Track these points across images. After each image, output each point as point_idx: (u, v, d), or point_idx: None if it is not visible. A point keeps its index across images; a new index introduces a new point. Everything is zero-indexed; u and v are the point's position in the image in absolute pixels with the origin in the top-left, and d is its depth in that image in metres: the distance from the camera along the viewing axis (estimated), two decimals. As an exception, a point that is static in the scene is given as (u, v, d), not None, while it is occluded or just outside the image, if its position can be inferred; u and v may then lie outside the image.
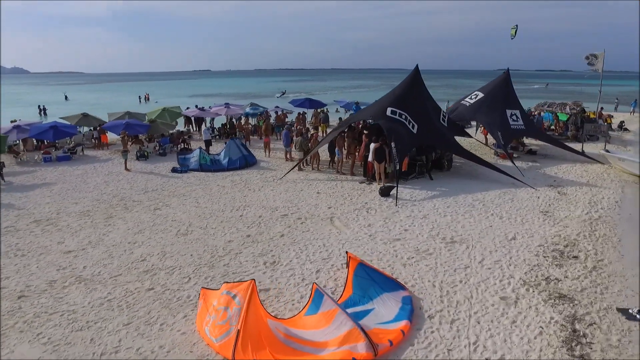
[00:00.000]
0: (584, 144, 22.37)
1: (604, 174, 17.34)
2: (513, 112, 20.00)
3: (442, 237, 10.81)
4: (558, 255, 9.86)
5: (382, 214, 12.57)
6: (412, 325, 7.16)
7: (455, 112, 21.47)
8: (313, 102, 29.62)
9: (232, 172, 17.48)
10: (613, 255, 9.99)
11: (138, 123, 20.75)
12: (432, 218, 12.19)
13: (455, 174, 17.07)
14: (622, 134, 27.87)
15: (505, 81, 20.94)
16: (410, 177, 16.23)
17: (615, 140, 25.43)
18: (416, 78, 17.39)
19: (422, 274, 8.93)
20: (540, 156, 20.67)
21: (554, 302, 7.88)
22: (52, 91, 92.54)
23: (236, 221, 12.15)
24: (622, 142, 25.18)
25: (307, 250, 10.16)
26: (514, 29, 25.21)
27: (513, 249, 10.14)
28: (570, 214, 12.60)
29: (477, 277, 8.80)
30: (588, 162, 19.14)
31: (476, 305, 7.80)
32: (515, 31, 24.99)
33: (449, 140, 16.69)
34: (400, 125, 15.81)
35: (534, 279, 8.75)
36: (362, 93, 76.23)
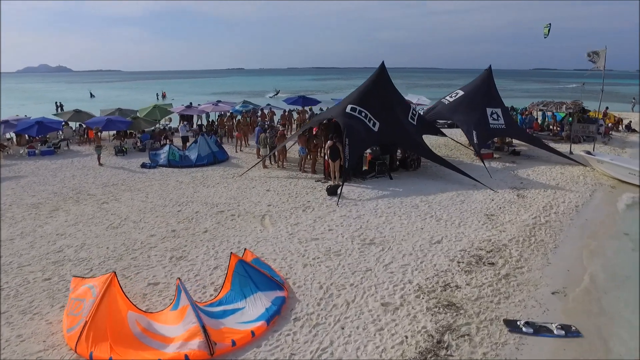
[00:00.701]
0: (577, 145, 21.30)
1: (581, 177, 16.37)
2: (494, 110, 19.20)
3: (362, 239, 10.48)
4: (475, 261, 9.35)
5: (318, 213, 12.33)
6: (270, 327, 6.96)
7: (433, 110, 20.83)
8: (307, 100, 29.50)
9: (198, 168, 17.61)
10: (537, 263, 9.40)
11: (119, 119, 21.27)
12: (365, 218, 11.85)
13: (420, 174, 16.54)
14: (627, 135, 26.25)
15: (487, 79, 20.12)
16: (369, 176, 15.86)
17: (614, 141, 24.03)
18: (381, 75, 16.97)
19: (317, 276, 8.68)
20: (524, 157, 19.76)
21: (438, 311, 7.46)
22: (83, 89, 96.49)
23: (171, 216, 12.24)
24: (622, 143, 23.72)
25: (220, 247, 10.10)
26: (546, 27, 24.26)
27: (430, 253, 9.70)
28: (515, 218, 11.94)
29: (373, 281, 8.46)
30: (570, 163, 18.14)
31: (352, 310, 7.50)
32: (548, 30, 24.04)
33: (413, 140, 16.18)
34: (359, 122, 15.47)
35: (432, 285, 8.33)
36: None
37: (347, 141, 14.69)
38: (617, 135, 26.17)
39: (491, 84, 20.03)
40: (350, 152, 14.53)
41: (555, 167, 17.78)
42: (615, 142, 23.78)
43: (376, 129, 15.67)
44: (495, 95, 19.92)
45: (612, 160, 16.82)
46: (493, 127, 18.86)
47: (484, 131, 18.49)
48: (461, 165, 17.89)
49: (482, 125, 18.55)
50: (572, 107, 23.72)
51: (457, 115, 19.37)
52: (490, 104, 19.33)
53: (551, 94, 77.76)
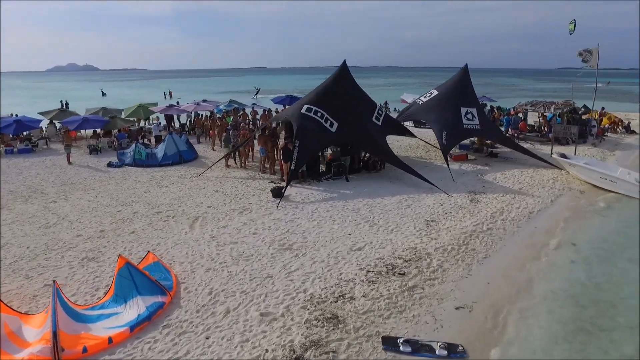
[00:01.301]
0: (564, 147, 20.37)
1: (550, 181, 15.57)
2: (469, 110, 18.48)
3: (282, 243, 10.16)
4: (386, 270, 8.90)
5: (252, 215, 12.07)
6: (134, 333, 6.76)
7: (408, 111, 20.24)
8: (294, 100, 29.14)
9: (162, 168, 17.57)
10: (456, 274, 8.89)
11: (96, 119, 21.49)
12: (297, 222, 11.51)
13: (381, 176, 16.05)
14: (624, 137, 24.94)
15: (463, 78, 19.38)
16: (325, 178, 15.50)
17: (607, 143, 22.85)
18: (343, 74, 16.56)
19: (214, 281, 8.43)
20: (501, 159, 18.98)
21: (316, 324, 7.09)
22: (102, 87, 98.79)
23: (108, 217, 12.19)
24: (614, 145, 22.54)
25: (137, 249, 9.96)
26: (572, 23, 23.50)
27: (343, 261, 9.30)
28: (456, 225, 11.38)
29: (267, 289, 8.15)
30: (546, 166, 17.30)
31: (229, 319, 7.22)
32: (573, 26, 23.28)
33: (372, 141, 15.69)
34: (314, 123, 15.11)
35: (326, 295, 7.95)
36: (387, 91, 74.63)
37: (296, 143, 14.37)
38: (614, 136, 24.91)
39: (467, 83, 19.29)
40: (299, 154, 14.20)
41: (529, 170, 16.99)
42: (607, 144, 22.61)
43: (334, 130, 15.29)
44: (471, 94, 19.19)
45: (585, 163, 15.94)
46: (467, 127, 18.16)
47: (456, 131, 17.82)
48: (431, 167, 17.43)
49: (454, 126, 17.88)
50: (562, 107, 22.70)
51: (429, 115, 18.73)
52: (465, 104, 18.61)
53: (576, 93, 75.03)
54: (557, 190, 14.68)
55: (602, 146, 22.13)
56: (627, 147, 22.65)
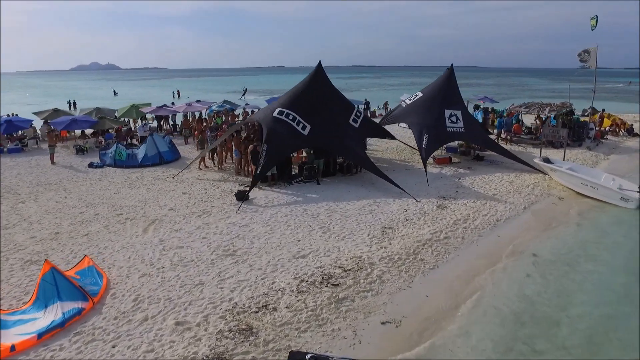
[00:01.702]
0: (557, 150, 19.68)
1: (530, 187, 15.02)
2: (453, 112, 18.00)
3: (226, 249, 10.00)
4: (320, 280, 8.65)
5: (210, 219, 11.95)
6: (42, 340, 6.71)
7: (393, 113, 19.84)
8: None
9: (142, 169, 17.66)
10: (393, 286, 8.58)
11: (84, 119, 21.78)
12: (251, 227, 11.34)
13: (355, 180, 15.72)
14: (624, 140, 23.97)
15: (448, 79, 18.87)
16: (296, 181, 15.30)
17: (605, 146, 22.00)
18: (318, 76, 16.31)
19: (144, 287, 8.34)
20: (486, 163, 18.45)
21: (227, 335, 6.91)
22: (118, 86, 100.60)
23: (69, 218, 12.25)
24: (611, 148, 21.68)
25: (83, 252, 9.93)
26: (594, 19, 22.90)
27: (280, 269, 9.07)
28: (413, 232, 11.04)
29: (194, 297, 8.01)
30: (531, 171, 16.72)
31: (143, 327, 7.11)
32: (595, 22, 22.68)
33: (344, 144, 15.38)
34: (285, 127, 14.92)
35: (250, 305, 7.75)
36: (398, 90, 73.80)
37: (265, 147, 14.20)
38: (614, 139, 23.97)
39: (452, 84, 18.78)
40: (266, 158, 14.02)
41: (511, 175, 16.45)
42: (605, 148, 21.76)
43: (306, 133, 15.07)
44: (456, 96, 18.69)
45: (568, 169, 15.32)
46: (450, 130, 17.69)
47: (439, 134, 17.38)
48: (411, 170, 17.07)
49: (437, 128, 17.43)
50: (557, 109, 21.92)
51: (411, 117, 18.31)
52: (450, 106, 18.13)
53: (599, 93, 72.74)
54: (534, 197, 14.14)
55: (599, 150, 21.31)
56: (625, 150, 21.75)
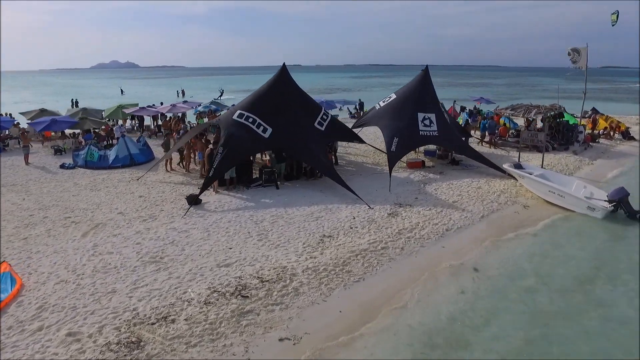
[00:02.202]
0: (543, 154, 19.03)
1: (497, 194, 14.50)
2: (427, 115, 17.53)
3: (153, 256, 9.84)
4: (232, 291, 8.38)
5: (152, 224, 11.81)
6: None
7: (366, 116, 19.44)
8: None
9: (110, 171, 17.69)
10: (308, 300, 8.30)
11: (64, 120, 21.98)
12: (189, 232, 11.17)
13: (318, 184, 15.38)
14: (618, 143, 23.02)
15: (422, 80, 18.40)
16: (255, 185, 15.08)
17: (594, 150, 21.19)
18: (282, 77, 16.06)
19: (55, 294, 8.22)
20: (462, 167, 17.93)
21: (113, 348, 6.74)
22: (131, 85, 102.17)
23: (16, 221, 12.25)
24: (600, 152, 20.84)
25: (15, 257, 9.87)
26: (614, 14, 22.23)
27: (199, 279, 8.85)
28: (350, 242, 10.70)
29: (100, 305, 7.86)
30: (504, 177, 16.15)
31: (34, 337, 6.99)
32: (616, 17, 22.01)
33: (306, 147, 15.07)
34: (244, 130, 14.71)
35: (150, 316, 7.57)
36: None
37: (220, 150, 14.03)
38: (607, 143, 23.07)
39: (426, 86, 18.31)
40: (220, 162, 13.82)
41: (481, 181, 15.91)
42: (593, 152, 20.96)
43: (267, 135, 14.83)
44: (431, 98, 18.20)
45: (537, 175, 14.74)
46: (423, 134, 17.24)
47: (410, 138, 16.95)
48: (378, 175, 16.73)
49: (409, 132, 17.01)
50: (544, 111, 21.20)
51: (383, 120, 17.89)
52: (423, 109, 17.67)
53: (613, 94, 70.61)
54: (497, 205, 13.62)
55: (586, 154, 20.52)
56: (615, 155, 20.91)
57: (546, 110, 21.21)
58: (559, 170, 17.72)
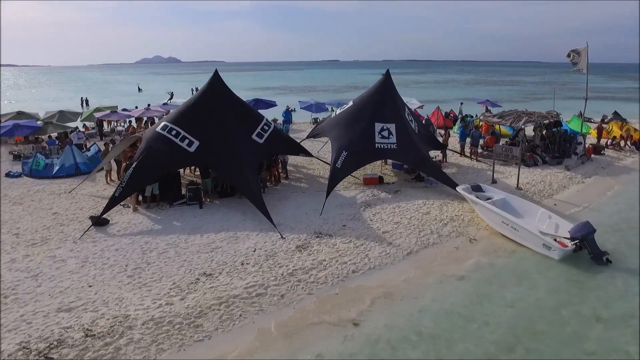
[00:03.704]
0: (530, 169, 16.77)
1: (444, 221, 12.59)
2: (385, 126, 15.66)
3: (3, 291, 8.83)
4: (41, 350, 7.17)
5: (37, 249, 10.79)
6: None
7: (319, 125, 17.75)
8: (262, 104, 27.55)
9: (53, 180, 16.97)
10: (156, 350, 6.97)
11: (28, 124, 21.63)
12: (66, 262, 10.09)
13: (244, 204, 13.63)
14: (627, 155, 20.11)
15: (383, 86, 16.47)
16: (178, 203, 13.84)
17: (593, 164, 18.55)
18: (215, 86, 14.70)
19: None
20: (426, 184, 16.05)
21: None
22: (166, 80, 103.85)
23: None
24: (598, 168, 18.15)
25: None
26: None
27: (23, 327, 7.70)
28: (226, 284, 9.23)
29: None
30: (465, 200, 14.11)
31: None
32: None
33: (235, 161, 13.61)
34: (165, 143, 13.49)
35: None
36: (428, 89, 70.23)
37: (134, 165, 12.90)
38: (614, 156, 20.22)
39: (388, 92, 16.37)
40: (131, 180, 12.67)
41: (436, 203, 13.97)
42: (590, 167, 18.38)
43: (193, 149, 13.52)
44: (392, 107, 16.23)
45: (494, 201, 12.67)
46: (380, 147, 15.37)
47: (363, 152, 15.17)
48: (319, 194, 14.82)
49: (363, 145, 15.23)
50: (537, 120, 18.69)
51: (335, 131, 16.16)
52: (382, 118, 15.81)
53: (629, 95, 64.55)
54: (437, 237, 11.72)
55: (581, 169, 17.99)
56: (617, 170, 18.23)
57: (540, 118, 18.67)
58: (538, 191, 15.48)
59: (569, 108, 33.72)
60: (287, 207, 13.62)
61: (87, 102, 46.88)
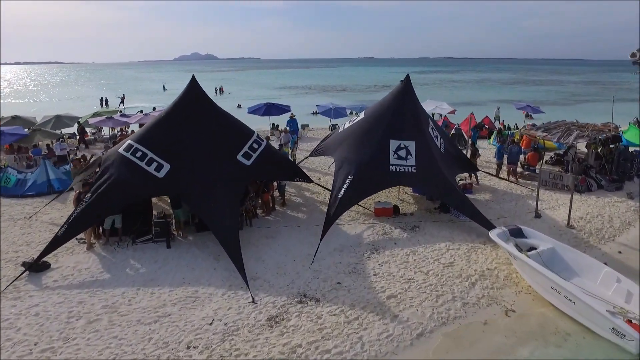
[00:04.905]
0: (585, 195, 13.42)
1: (469, 282, 9.51)
2: (403, 144, 12.66)
3: None
4: None
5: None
6: None
7: (323, 142, 14.84)
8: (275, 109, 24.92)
9: (21, 200, 14.91)
10: None
11: (13, 131, 19.80)
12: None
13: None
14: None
15: (401, 95, 13.41)
16: (142, 240, 11.37)
17: None
18: (193, 95, 12.14)
19: None
20: (451, 216, 13.08)
21: None
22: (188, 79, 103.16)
23: None
24: None
25: None
26: None
27: None
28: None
29: None
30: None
31: None
32: None
33: (203, 192, 10.97)
34: (129, 167, 11.04)
35: None
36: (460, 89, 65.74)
37: (86, 198, 10.51)
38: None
39: (407, 103, 13.30)
40: (80, 215, 10.29)
41: (461, 249, 10.91)
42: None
43: (162, 174, 10.99)
44: (412, 119, 13.18)
45: (538, 252, 9.50)
46: (394, 171, 12.40)
47: (373, 178, 12.26)
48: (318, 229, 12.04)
49: (373, 167, 12.32)
50: (591, 134, 15.12)
51: (340, 150, 13.26)
52: (400, 134, 12.81)
53: None
54: (461, 305, 8.68)
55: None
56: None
57: (594, 132, 15.12)
58: (595, 230, 12.14)
59: (620, 113, 29.55)
60: (273, 250, 10.91)
61: (106, 102, 45.79)
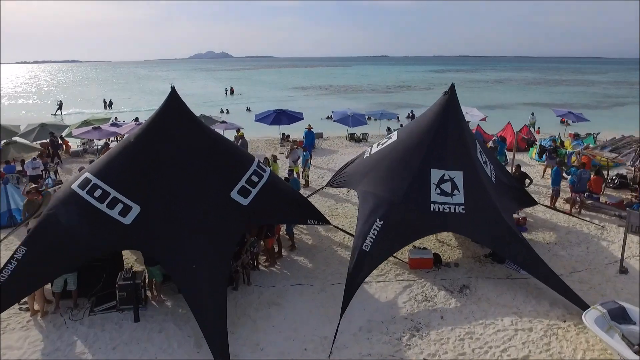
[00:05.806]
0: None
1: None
2: (448, 175, 9.64)
3: None
4: None
5: None
6: None
7: (344, 170, 11.78)
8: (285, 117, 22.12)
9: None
10: None
11: (-18, 145, 17.36)
12: None
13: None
14: None
15: (444, 111, 10.30)
16: (102, 309, 8.57)
17: None
18: (170, 110, 9.28)
19: None
20: (507, 268, 9.95)
21: None
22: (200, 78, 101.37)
23: None
24: None
25: None
26: None
27: None
28: None
29: None
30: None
31: None
32: None
33: (181, 248, 8.16)
34: (81, 210, 8.26)
35: None
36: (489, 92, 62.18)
37: (21, 251, 7.79)
38: None
39: (451, 121, 10.23)
40: (14, 275, 7.58)
41: (535, 329, 7.88)
42: None
43: (128, 220, 8.17)
44: (458, 143, 10.13)
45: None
46: (437, 210, 9.38)
47: (409, 222, 9.28)
48: (339, 292, 9.18)
49: (410, 207, 9.34)
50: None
51: (365, 183, 10.26)
52: (442, 163, 9.78)
53: None
54: None
55: None
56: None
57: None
58: None
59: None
60: (276, 329, 8.01)
61: (110, 105, 43.45)
